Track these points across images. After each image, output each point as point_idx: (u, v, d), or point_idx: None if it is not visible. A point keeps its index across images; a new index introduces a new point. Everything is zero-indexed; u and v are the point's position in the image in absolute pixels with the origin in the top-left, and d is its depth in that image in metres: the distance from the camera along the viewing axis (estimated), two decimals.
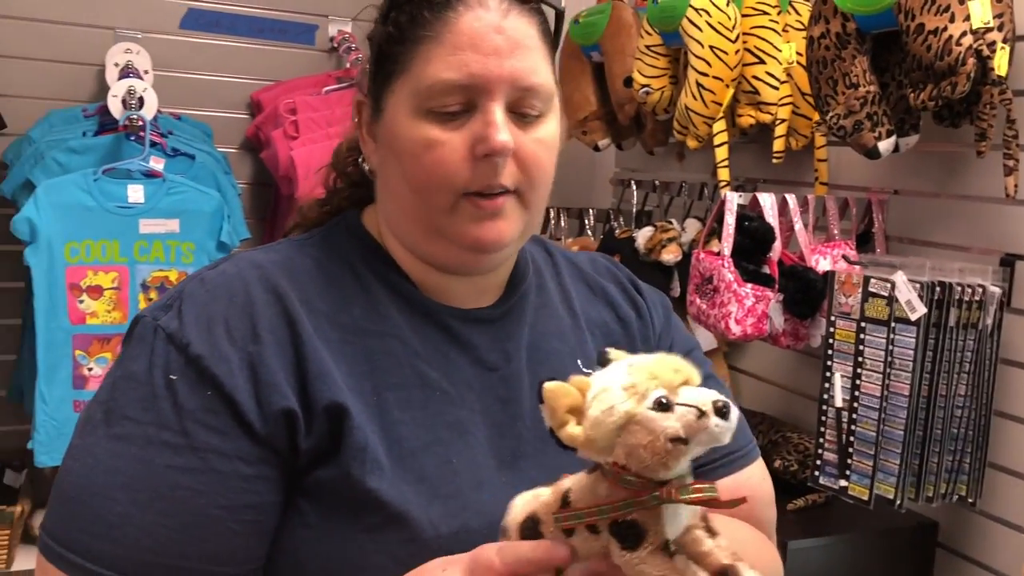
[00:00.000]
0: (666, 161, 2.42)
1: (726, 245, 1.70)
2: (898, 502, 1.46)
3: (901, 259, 1.49)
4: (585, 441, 0.62)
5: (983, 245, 1.62)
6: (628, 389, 0.61)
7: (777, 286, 1.69)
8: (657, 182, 2.23)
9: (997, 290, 1.49)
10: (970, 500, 1.53)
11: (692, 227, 2.10)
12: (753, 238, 1.68)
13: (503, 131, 0.78)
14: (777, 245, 1.72)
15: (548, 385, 0.63)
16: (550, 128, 0.83)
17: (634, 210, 2.28)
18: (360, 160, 0.91)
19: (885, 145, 1.57)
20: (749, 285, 1.67)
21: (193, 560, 0.73)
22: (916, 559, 1.69)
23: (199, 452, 0.74)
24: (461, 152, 0.79)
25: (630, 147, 2.48)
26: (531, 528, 0.68)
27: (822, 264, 1.72)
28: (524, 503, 0.70)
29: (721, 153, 1.90)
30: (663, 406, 0.60)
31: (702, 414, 0.59)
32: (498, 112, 0.78)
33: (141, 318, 0.80)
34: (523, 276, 0.93)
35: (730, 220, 1.71)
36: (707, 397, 0.60)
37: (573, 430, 0.62)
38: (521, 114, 0.81)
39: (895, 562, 1.68)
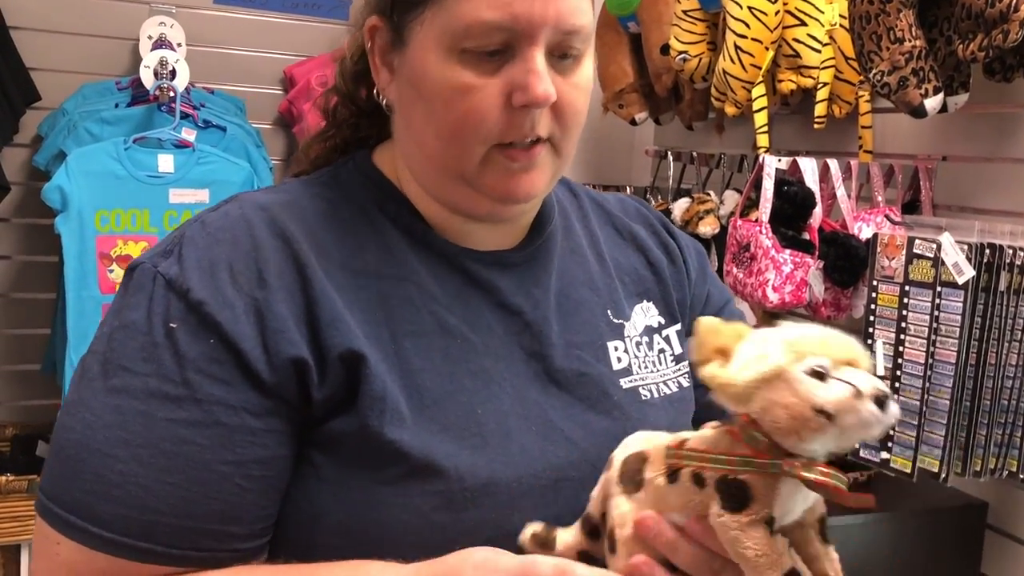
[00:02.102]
0: (705, 137, 2.35)
1: (764, 211, 1.64)
2: (943, 475, 1.38)
3: (948, 220, 1.42)
4: (724, 383, 0.59)
5: None
6: (790, 344, 0.57)
7: (817, 253, 1.62)
8: (695, 153, 2.16)
9: None
10: (1021, 476, 1.45)
11: (730, 199, 2.03)
12: (792, 203, 1.62)
13: (545, 80, 0.72)
14: (818, 211, 1.65)
15: (703, 319, 0.60)
16: (587, 71, 0.77)
17: (670, 183, 2.22)
18: (374, 91, 0.84)
19: (932, 103, 1.49)
20: (787, 251, 1.60)
21: (200, 519, 0.69)
22: (964, 541, 1.61)
23: (203, 404, 0.69)
24: (497, 100, 0.73)
25: (668, 122, 2.42)
26: (635, 466, 0.65)
27: (865, 232, 1.65)
28: (636, 441, 0.66)
29: (760, 119, 1.83)
30: (818, 374, 0.56)
31: (859, 395, 0.55)
32: (539, 59, 0.72)
33: (139, 264, 0.75)
34: (548, 218, 0.87)
35: (768, 185, 1.64)
36: (869, 382, 0.56)
37: (715, 370, 0.59)
38: (560, 56, 0.74)
39: (941, 544, 1.60)
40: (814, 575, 0.60)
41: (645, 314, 0.88)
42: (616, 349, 0.84)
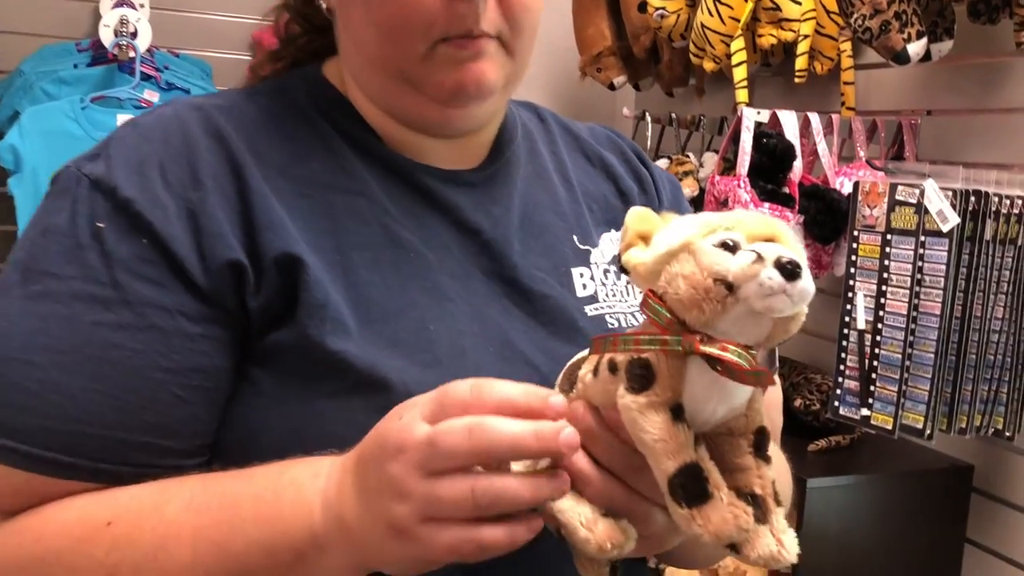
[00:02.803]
0: (685, 103, 2.29)
1: (742, 163, 1.58)
2: (928, 432, 1.33)
3: (932, 167, 1.36)
4: (637, 264, 0.54)
5: None
6: (704, 224, 0.53)
7: (797, 207, 1.56)
8: (674, 115, 2.10)
9: None
10: (1007, 434, 1.40)
11: (710, 162, 1.98)
12: (772, 156, 1.56)
13: None
14: (798, 165, 1.59)
15: (634, 208, 0.57)
16: None
17: (648, 144, 2.16)
18: None
19: (915, 48, 1.44)
20: (766, 205, 1.54)
21: (133, 431, 0.63)
22: (949, 504, 1.56)
23: (134, 307, 0.64)
24: None
25: (647, 88, 2.36)
26: (574, 367, 0.61)
27: (847, 187, 1.59)
28: (580, 355, 0.62)
29: (739, 73, 1.77)
30: (727, 246, 0.51)
31: (758, 259, 0.49)
32: None
33: (64, 169, 0.70)
34: (510, 139, 0.82)
35: (747, 137, 1.59)
36: (776, 250, 0.50)
37: (634, 252, 0.54)
38: None
39: (925, 506, 1.55)
40: (736, 487, 0.53)
41: (614, 243, 0.83)
42: (582, 276, 0.79)
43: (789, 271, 0.49)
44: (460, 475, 0.53)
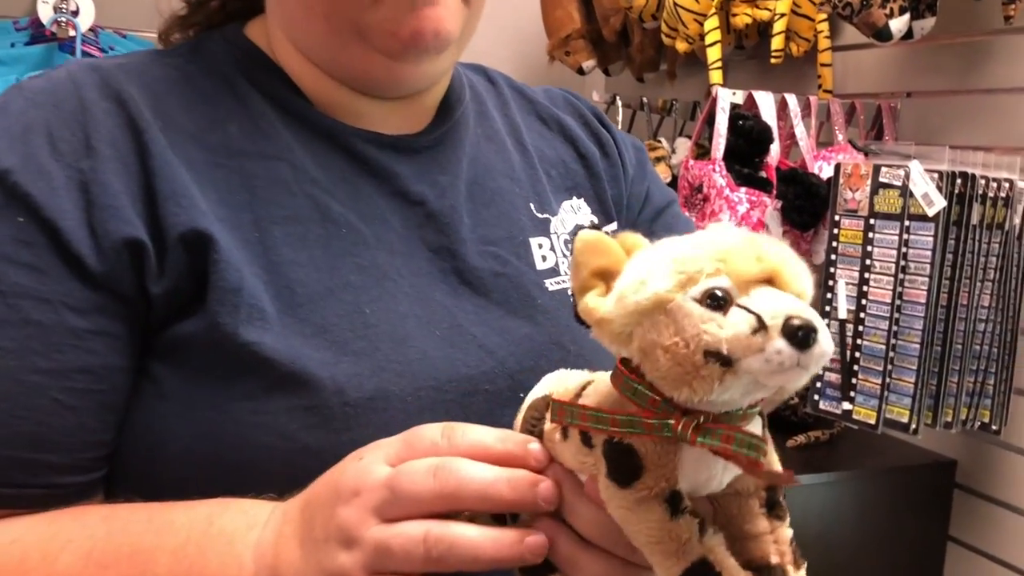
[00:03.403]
0: (657, 88, 2.22)
1: (717, 147, 1.51)
2: (913, 426, 1.27)
3: (917, 148, 1.30)
4: (600, 320, 0.43)
5: (1010, 142, 1.42)
6: (679, 262, 0.41)
7: (775, 192, 1.49)
8: (645, 99, 2.03)
9: None
10: (994, 427, 1.34)
11: (682, 147, 1.90)
12: (748, 138, 1.49)
13: None
14: (775, 148, 1.52)
15: (584, 233, 0.45)
16: None
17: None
18: None
19: (897, 24, 1.37)
20: (743, 189, 1.47)
21: (6, 445, 0.54)
22: (932, 501, 1.50)
23: (7, 298, 0.55)
24: None
25: (617, 73, 2.29)
26: (538, 413, 0.50)
27: (826, 171, 1.52)
28: (550, 381, 0.52)
29: (713, 53, 1.70)
30: (715, 301, 0.40)
31: (760, 328, 0.38)
32: None
33: None
34: (457, 100, 0.74)
35: (722, 119, 1.51)
36: (786, 307, 0.39)
37: (592, 301, 0.44)
38: None
39: (907, 503, 1.49)
40: (752, 558, 0.45)
41: (576, 212, 0.75)
42: (541, 247, 0.71)
43: (801, 339, 0.38)
44: (416, 520, 0.46)
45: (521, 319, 0.66)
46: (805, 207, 1.47)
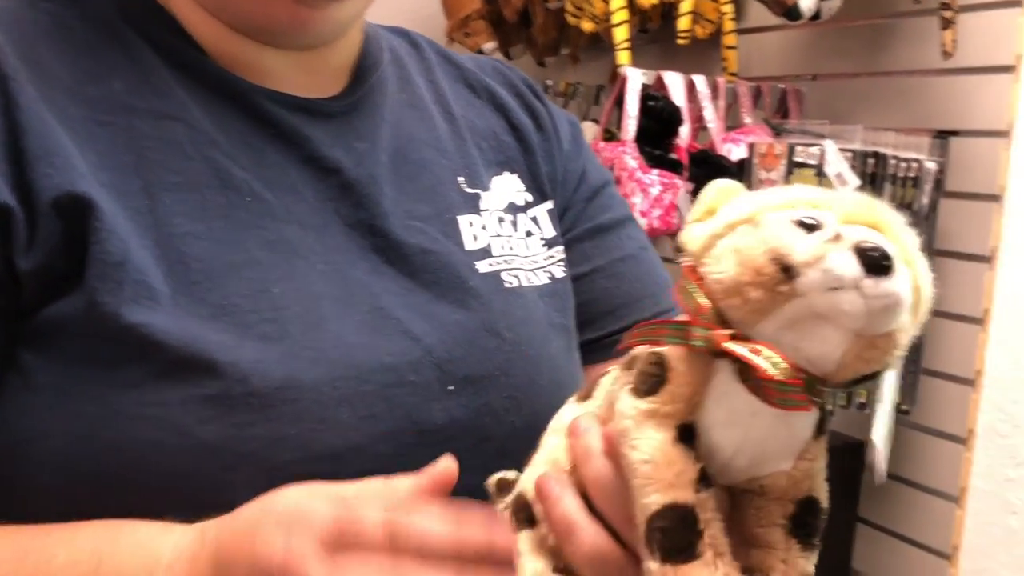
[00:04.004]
0: (559, 72, 2.18)
1: (627, 129, 1.47)
2: (829, 407, 1.26)
3: (831, 127, 1.29)
4: (693, 239, 0.41)
5: (915, 124, 1.43)
6: (786, 197, 0.40)
7: (687, 174, 1.47)
8: (549, 82, 1.98)
9: (934, 166, 1.30)
10: (903, 407, 1.35)
11: (589, 131, 1.86)
12: (659, 119, 1.46)
13: None
14: (685, 129, 1.50)
15: (716, 181, 0.44)
16: None
17: None
18: None
19: (807, 3, 1.36)
20: (655, 171, 1.44)
21: None
22: (841, 483, 1.50)
23: None
24: None
25: (519, 56, 2.23)
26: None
27: (735, 153, 1.51)
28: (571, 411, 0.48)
29: (620, 34, 1.66)
30: (805, 224, 0.38)
31: (835, 238, 0.36)
32: None
33: None
34: (375, 63, 0.67)
35: (632, 101, 1.48)
36: (867, 234, 0.36)
37: (690, 229, 0.42)
38: None
39: None
40: (748, 566, 0.40)
41: (508, 187, 0.68)
42: (471, 225, 0.65)
43: (871, 260, 0.36)
44: None
45: (451, 303, 0.60)
46: None
